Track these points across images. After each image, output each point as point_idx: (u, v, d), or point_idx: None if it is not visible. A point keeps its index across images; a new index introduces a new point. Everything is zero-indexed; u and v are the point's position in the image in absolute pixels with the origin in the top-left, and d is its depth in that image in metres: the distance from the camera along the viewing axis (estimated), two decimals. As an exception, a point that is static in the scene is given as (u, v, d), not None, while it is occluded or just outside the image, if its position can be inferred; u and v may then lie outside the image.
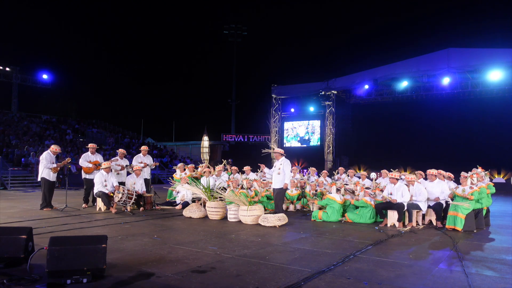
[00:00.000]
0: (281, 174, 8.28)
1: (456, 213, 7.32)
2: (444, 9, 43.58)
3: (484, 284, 4.13)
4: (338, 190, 8.83)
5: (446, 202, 7.97)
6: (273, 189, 8.52)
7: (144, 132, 39.04)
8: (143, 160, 10.67)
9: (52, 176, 9.46)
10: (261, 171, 11.93)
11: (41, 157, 9.58)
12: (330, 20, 50.66)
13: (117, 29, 53.52)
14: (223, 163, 12.11)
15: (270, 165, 14.11)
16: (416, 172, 8.93)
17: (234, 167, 11.93)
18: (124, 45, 55.31)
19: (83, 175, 10.11)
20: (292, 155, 24.96)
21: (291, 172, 9.99)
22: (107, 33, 52.47)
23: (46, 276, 3.89)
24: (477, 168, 8.15)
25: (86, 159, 10.05)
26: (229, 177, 11.20)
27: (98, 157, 10.26)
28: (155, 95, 53.38)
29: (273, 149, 8.80)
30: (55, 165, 9.47)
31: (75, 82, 43.24)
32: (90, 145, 10.38)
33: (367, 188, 8.81)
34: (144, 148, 11.05)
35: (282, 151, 8.64)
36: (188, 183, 9.66)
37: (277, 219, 7.52)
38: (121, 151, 10.65)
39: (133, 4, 55.16)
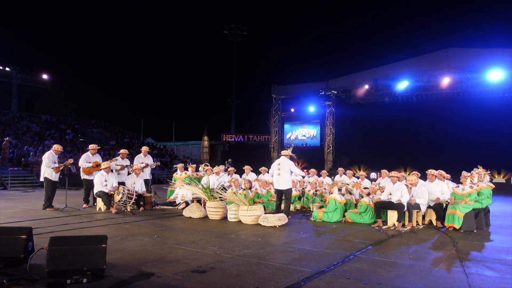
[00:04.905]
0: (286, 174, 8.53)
1: (455, 211, 7.32)
2: (444, 9, 43.63)
3: (484, 284, 4.13)
4: (339, 189, 8.84)
5: (446, 201, 7.96)
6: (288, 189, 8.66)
7: (144, 132, 39.05)
8: (144, 161, 10.68)
9: (54, 176, 9.46)
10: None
11: (43, 157, 9.57)
12: (330, 20, 50.70)
13: (117, 29, 53.57)
14: (226, 165, 12.12)
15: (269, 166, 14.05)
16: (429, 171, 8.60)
17: (232, 168, 11.91)
18: (124, 45, 55.35)
19: (82, 176, 10.07)
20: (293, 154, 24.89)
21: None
22: (107, 33, 52.52)
23: (46, 276, 3.90)
24: (477, 168, 8.13)
25: (86, 160, 10.03)
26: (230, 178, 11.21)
27: (98, 158, 10.24)
28: (155, 95, 53.43)
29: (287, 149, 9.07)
30: (57, 165, 9.47)
31: (75, 82, 43.31)
32: (91, 146, 10.36)
33: (365, 188, 8.81)
34: (144, 148, 11.06)
35: (288, 152, 8.88)
36: (187, 183, 9.66)
37: (277, 219, 7.53)
38: (123, 151, 10.65)
39: (133, 4, 55.20)
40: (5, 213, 8.74)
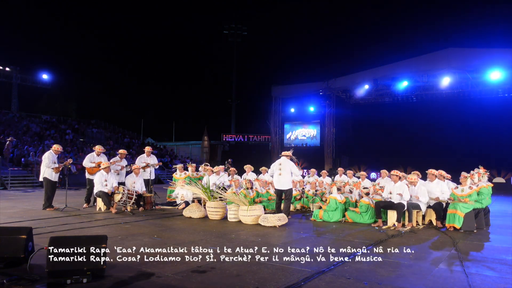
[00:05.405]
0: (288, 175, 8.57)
1: (455, 211, 7.32)
2: (444, 9, 43.61)
3: (484, 284, 4.13)
4: (339, 189, 8.84)
5: (446, 201, 7.96)
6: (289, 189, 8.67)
7: (144, 132, 39.04)
8: (146, 161, 10.69)
9: (54, 176, 9.45)
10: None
11: (43, 157, 9.57)
12: (330, 20, 50.69)
13: (117, 28, 53.58)
14: (226, 165, 12.11)
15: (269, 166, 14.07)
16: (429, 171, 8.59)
17: (232, 169, 11.91)
18: (124, 44, 55.32)
19: (86, 175, 10.12)
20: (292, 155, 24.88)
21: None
22: (107, 33, 52.50)
23: (46, 276, 3.90)
24: (478, 168, 8.14)
25: (90, 160, 10.03)
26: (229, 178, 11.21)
27: (103, 158, 10.21)
28: (155, 95, 53.40)
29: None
30: (57, 165, 9.47)
31: (75, 82, 43.28)
32: (97, 147, 10.36)
33: (364, 187, 8.81)
34: (147, 148, 11.06)
35: (289, 153, 8.92)
36: (187, 183, 9.65)
37: (277, 219, 7.53)
38: (121, 151, 10.65)
39: (133, 4, 55.17)
40: (5, 213, 8.74)
